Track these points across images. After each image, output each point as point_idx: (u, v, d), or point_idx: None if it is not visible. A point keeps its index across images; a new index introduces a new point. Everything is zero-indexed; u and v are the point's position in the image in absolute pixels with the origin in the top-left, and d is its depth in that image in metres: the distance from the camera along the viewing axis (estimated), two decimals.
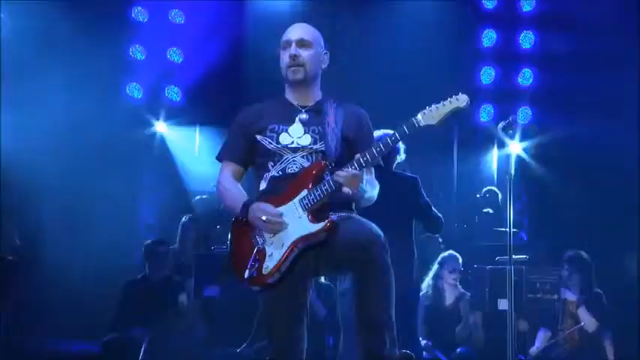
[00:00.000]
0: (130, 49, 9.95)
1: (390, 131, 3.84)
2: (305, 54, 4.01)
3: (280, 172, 3.93)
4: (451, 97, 3.75)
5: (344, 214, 3.86)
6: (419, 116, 3.73)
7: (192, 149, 10.53)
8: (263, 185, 3.98)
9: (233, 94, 9.47)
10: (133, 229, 9.65)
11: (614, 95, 8.94)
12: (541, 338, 7.39)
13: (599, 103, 8.98)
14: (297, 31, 4.06)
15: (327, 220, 3.73)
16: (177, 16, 10.10)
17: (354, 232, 3.70)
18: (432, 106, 3.74)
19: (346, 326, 6.04)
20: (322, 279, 7.12)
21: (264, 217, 3.79)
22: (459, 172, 10.27)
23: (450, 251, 7.86)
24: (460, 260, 7.76)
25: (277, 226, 3.80)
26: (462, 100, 3.74)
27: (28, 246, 8.45)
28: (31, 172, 8.19)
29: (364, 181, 3.78)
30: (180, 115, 10.20)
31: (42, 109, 8.54)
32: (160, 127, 10.29)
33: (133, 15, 9.98)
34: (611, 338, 7.29)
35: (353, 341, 5.88)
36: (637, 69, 8.90)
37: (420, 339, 7.12)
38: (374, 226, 3.73)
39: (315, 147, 3.93)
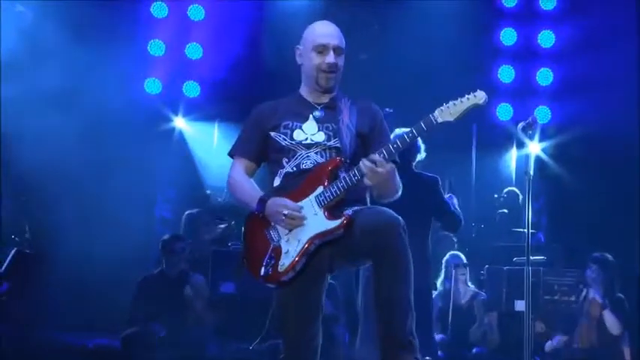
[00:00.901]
0: (149, 45, 9.96)
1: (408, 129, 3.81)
2: (340, 62, 4.02)
3: (295, 168, 3.92)
4: (469, 93, 3.75)
5: (357, 207, 3.83)
6: (436, 113, 3.72)
7: (211, 144, 10.53)
8: (277, 181, 3.97)
9: (252, 89, 9.47)
10: (149, 224, 9.67)
11: (633, 95, 8.86)
12: (557, 339, 7.35)
13: (618, 103, 8.91)
14: (334, 37, 4.02)
15: (343, 217, 3.72)
16: (196, 12, 10.09)
17: (371, 219, 3.68)
18: (450, 102, 3.73)
19: (366, 316, 6.05)
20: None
21: (285, 212, 3.77)
22: (477, 171, 10.22)
23: (451, 252, 7.88)
24: (462, 257, 7.75)
25: (297, 221, 3.79)
26: (479, 97, 3.74)
27: (44, 240, 8.48)
28: (47, 165, 8.20)
29: (388, 176, 3.73)
30: (198, 111, 10.21)
31: (60, 102, 8.55)
32: (179, 122, 10.31)
33: (152, 11, 9.97)
34: (629, 343, 7.25)
35: (371, 334, 5.96)
36: None
37: (435, 334, 7.11)
38: (390, 211, 3.71)
39: (329, 143, 3.92)
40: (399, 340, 3.61)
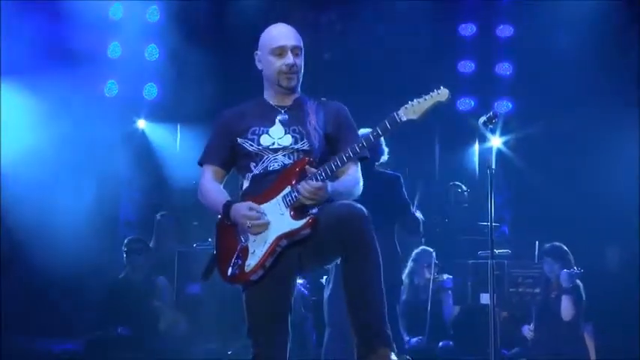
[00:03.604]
0: (109, 48, 9.87)
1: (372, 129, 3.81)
2: (299, 61, 4.00)
3: (262, 171, 3.92)
4: (432, 91, 3.74)
5: (325, 205, 3.81)
6: (400, 111, 3.72)
7: (174, 146, 10.47)
8: (246, 184, 3.97)
9: (213, 91, 9.43)
10: (114, 228, 9.60)
11: (596, 89, 8.97)
12: (526, 331, 7.45)
13: (581, 97, 9.02)
14: (290, 37, 4.00)
15: (308, 216, 3.71)
16: (154, 14, 9.99)
17: (334, 212, 3.68)
18: (414, 100, 3.73)
19: (332, 324, 6.09)
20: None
21: (248, 222, 3.77)
22: (441, 166, 10.27)
23: (423, 247, 7.88)
24: (434, 254, 7.78)
25: (261, 227, 3.79)
26: (442, 94, 3.73)
27: (6, 244, 8.38)
28: (6, 168, 8.12)
29: (328, 191, 3.75)
30: (160, 113, 10.13)
31: (21, 107, 8.47)
32: (141, 123, 10.24)
33: (111, 13, 9.87)
34: (592, 331, 7.34)
35: (338, 337, 6.00)
36: (621, 60, 8.96)
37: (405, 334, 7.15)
38: (354, 203, 3.72)
39: (296, 146, 3.91)
40: (374, 329, 3.61)
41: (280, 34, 4.01)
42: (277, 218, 3.78)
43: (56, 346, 7.68)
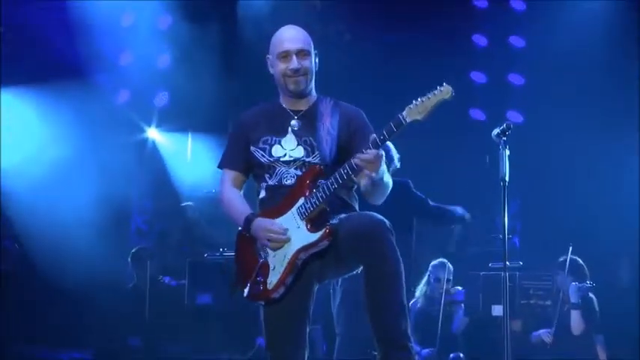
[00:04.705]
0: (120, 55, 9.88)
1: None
2: (305, 64, 3.95)
3: (277, 183, 3.89)
4: (435, 89, 3.65)
5: (343, 215, 3.79)
6: (405, 112, 3.63)
7: (185, 155, 10.48)
8: (263, 194, 3.95)
9: (223, 99, 9.44)
10: (124, 237, 9.61)
11: (608, 100, 8.95)
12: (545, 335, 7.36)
13: (592, 109, 8.99)
14: (295, 41, 3.97)
15: (325, 228, 3.68)
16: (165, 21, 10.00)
17: (356, 223, 3.65)
18: (418, 99, 3.64)
19: (342, 333, 6.06)
20: None
21: (269, 236, 3.75)
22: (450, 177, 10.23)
23: (440, 259, 7.83)
24: (448, 267, 7.70)
25: (282, 244, 3.76)
26: (445, 91, 3.62)
27: (17, 254, 8.40)
28: (23, 179, 8.15)
29: (382, 163, 3.67)
30: (171, 121, 10.15)
31: (35, 116, 8.50)
32: (152, 133, 10.25)
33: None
34: (604, 343, 7.29)
35: (348, 344, 5.98)
36: (629, 70, 8.93)
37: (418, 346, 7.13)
38: (375, 214, 3.67)
39: (308, 159, 3.87)
40: (395, 342, 3.58)
41: (286, 37, 3.98)
42: (294, 232, 3.75)
43: (65, 355, 7.67)
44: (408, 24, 9.63)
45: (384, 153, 3.67)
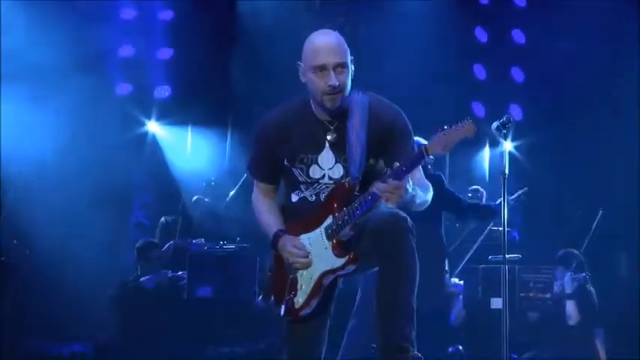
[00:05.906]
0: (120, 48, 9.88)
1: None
2: (343, 79, 3.64)
3: (314, 197, 3.79)
4: (457, 123, 3.45)
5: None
6: (427, 145, 3.43)
7: (185, 148, 10.48)
8: (294, 198, 3.85)
9: (223, 93, 9.44)
10: (124, 230, 9.62)
11: (608, 93, 8.95)
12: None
13: (594, 101, 8.99)
14: (332, 53, 3.63)
15: (349, 254, 3.62)
16: (166, 15, 10.01)
17: (379, 221, 3.57)
18: (440, 132, 3.43)
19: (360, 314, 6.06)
20: None
21: (291, 259, 3.73)
22: (451, 170, 10.24)
23: None
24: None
25: (305, 265, 3.73)
26: (469, 129, 3.44)
27: (20, 247, 8.40)
28: (22, 173, 8.15)
29: (410, 188, 3.46)
30: (171, 114, 10.15)
31: (37, 109, 8.49)
32: (152, 126, 10.25)
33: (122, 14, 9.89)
34: (603, 337, 7.31)
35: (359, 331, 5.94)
36: (633, 66, 8.93)
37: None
38: (399, 212, 3.57)
39: (347, 180, 3.71)
40: (395, 343, 3.54)
41: (322, 48, 3.65)
42: (321, 252, 3.70)
43: (65, 349, 7.68)
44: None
45: (407, 183, 3.45)
